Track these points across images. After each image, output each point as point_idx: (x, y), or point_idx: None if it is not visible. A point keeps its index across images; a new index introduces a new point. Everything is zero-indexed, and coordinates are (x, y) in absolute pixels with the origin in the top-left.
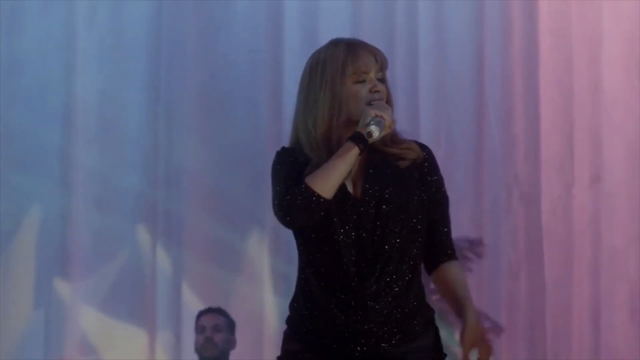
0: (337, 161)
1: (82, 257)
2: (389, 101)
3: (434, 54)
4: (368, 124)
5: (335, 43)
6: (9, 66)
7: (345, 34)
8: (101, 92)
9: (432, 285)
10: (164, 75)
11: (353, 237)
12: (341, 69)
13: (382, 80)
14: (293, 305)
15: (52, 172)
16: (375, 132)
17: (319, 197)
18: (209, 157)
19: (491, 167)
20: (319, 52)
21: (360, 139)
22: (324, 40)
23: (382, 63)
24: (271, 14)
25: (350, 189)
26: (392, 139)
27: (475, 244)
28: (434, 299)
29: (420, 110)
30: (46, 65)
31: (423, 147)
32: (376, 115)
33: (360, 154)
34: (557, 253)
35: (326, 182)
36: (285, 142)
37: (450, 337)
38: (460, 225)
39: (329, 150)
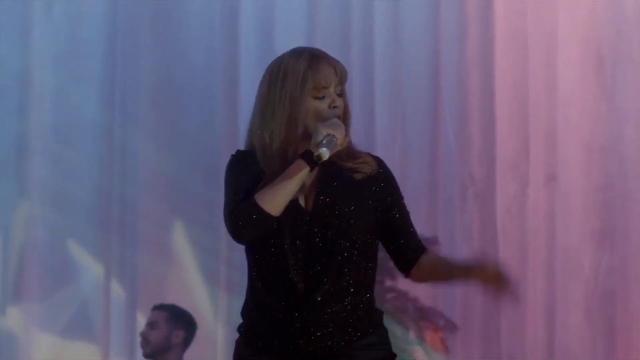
0: (286, 180)
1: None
2: (346, 114)
3: (389, 53)
4: (319, 144)
5: (298, 53)
6: None
7: (301, 32)
8: (56, 89)
9: (386, 283)
10: (120, 72)
11: (303, 249)
12: (301, 83)
13: (341, 94)
14: (244, 312)
15: (8, 169)
16: (325, 154)
17: (266, 214)
18: (164, 153)
19: (446, 166)
20: (280, 60)
21: (311, 158)
22: (279, 37)
23: (341, 76)
24: (226, 12)
25: (302, 202)
26: (348, 153)
27: (429, 242)
28: (389, 297)
29: (376, 109)
30: (1, 62)
31: (377, 159)
32: (328, 134)
33: (311, 171)
34: (511, 252)
35: (275, 200)
36: (241, 139)
37: (404, 336)
38: (415, 223)
39: (284, 162)
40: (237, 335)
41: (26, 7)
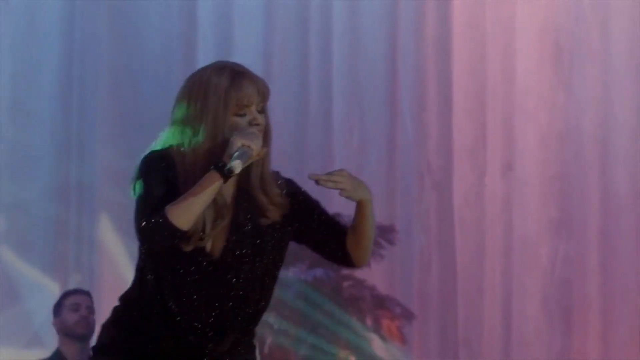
0: (198, 194)
1: None
2: (267, 132)
3: (347, 40)
4: (232, 156)
5: (220, 69)
6: None
7: (259, 22)
8: (14, 75)
9: (343, 271)
10: (77, 59)
11: (204, 296)
12: (224, 100)
13: (262, 111)
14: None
15: None
16: (238, 167)
17: (176, 229)
18: (121, 142)
19: (403, 155)
20: (201, 75)
21: (222, 170)
22: (237, 20)
23: (264, 94)
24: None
25: (208, 247)
26: (263, 183)
27: (386, 231)
28: (345, 285)
29: (334, 97)
30: None
31: (287, 183)
32: (242, 145)
33: (224, 183)
34: (468, 241)
35: (186, 214)
36: None
37: (361, 324)
38: (373, 210)
39: (202, 174)
40: None
41: None
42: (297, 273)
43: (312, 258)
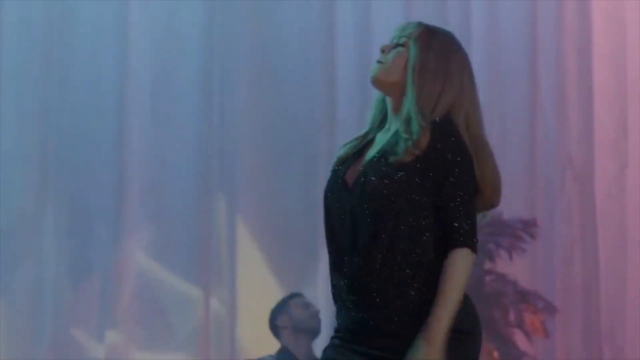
0: None
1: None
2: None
3: (486, 37)
4: None
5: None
6: (63, 60)
7: (399, 20)
8: (154, 79)
9: (485, 265)
10: (218, 58)
11: None
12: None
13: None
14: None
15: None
16: None
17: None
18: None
19: (544, 149)
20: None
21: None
22: (376, 19)
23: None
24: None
25: None
26: None
27: (528, 225)
28: (488, 280)
29: None
30: (99, 55)
31: None
32: None
33: None
34: (611, 233)
35: None
36: (339, 124)
37: (503, 319)
38: (514, 206)
39: None
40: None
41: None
42: None
43: None
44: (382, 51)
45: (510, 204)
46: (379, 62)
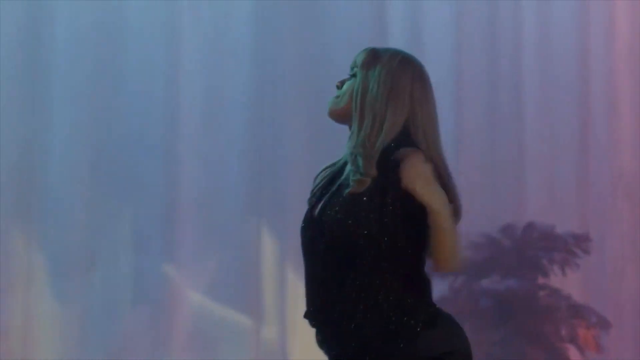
0: None
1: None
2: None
3: (537, 43)
4: None
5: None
6: (115, 70)
7: (448, 21)
8: (206, 88)
9: (539, 280)
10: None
11: None
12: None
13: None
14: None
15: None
16: None
17: None
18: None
19: (596, 161)
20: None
21: None
22: (426, 26)
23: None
24: (375, 9)
25: None
26: None
27: (581, 240)
28: (541, 295)
29: (524, 100)
30: (150, 67)
31: None
32: None
33: None
34: None
35: None
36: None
37: (556, 334)
38: (566, 220)
39: None
40: None
41: (171, 10)
42: (490, 284)
43: (506, 268)
44: (337, 87)
45: (563, 219)
46: (335, 97)
